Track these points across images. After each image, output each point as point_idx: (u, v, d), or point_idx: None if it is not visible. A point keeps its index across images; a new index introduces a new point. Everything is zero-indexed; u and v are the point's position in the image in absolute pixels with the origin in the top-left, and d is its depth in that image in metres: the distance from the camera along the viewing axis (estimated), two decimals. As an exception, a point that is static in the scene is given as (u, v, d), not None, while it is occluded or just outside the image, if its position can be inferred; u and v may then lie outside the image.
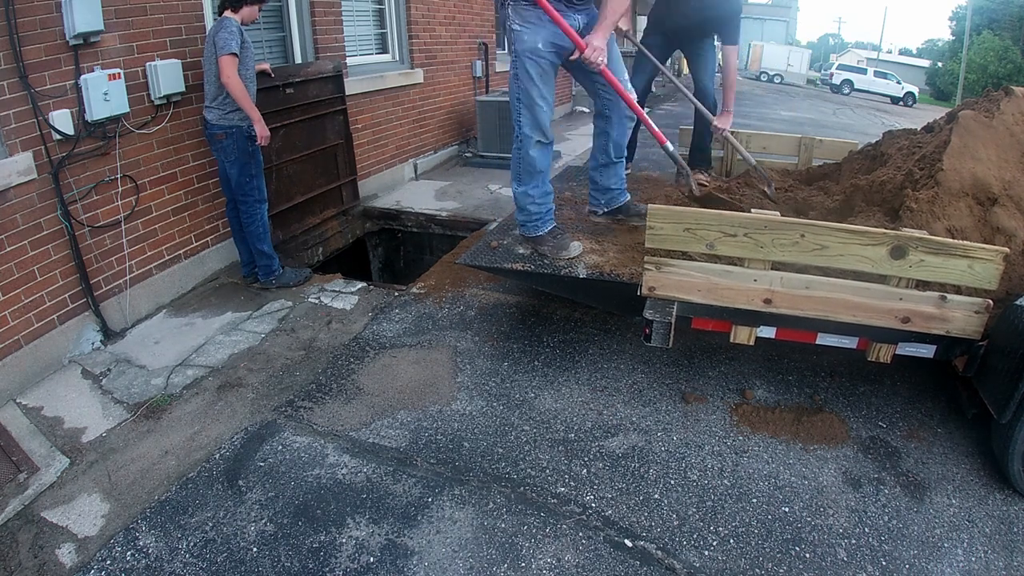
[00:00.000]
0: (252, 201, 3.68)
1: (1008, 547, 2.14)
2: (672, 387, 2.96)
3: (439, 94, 6.78)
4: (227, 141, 3.50)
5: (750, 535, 2.17)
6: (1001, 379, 2.20)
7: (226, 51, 3.27)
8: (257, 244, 3.80)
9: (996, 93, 3.04)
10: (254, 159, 3.61)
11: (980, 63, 28.57)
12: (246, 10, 3.42)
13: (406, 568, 2.02)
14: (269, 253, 3.86)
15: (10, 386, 2.88)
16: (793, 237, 2.34)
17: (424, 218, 5.33)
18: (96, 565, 2.03)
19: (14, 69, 2.79)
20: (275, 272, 3.93)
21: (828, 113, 16.95)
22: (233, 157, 3.54)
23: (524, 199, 3.07)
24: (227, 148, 3.52)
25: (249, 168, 3.59)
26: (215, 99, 3.44)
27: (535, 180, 3.04)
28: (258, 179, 3.67)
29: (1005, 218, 2.54)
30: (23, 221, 2.91)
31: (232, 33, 3.28)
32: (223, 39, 3.27)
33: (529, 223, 3.12)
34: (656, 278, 2.56)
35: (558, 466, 2.46)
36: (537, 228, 3.11)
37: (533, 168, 3.01)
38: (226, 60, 3.28)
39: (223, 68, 3.29)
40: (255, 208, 3.70)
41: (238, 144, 3.50)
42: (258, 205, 3.71)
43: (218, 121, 3.46)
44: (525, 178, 3.04)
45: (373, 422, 2.71)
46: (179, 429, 2.68)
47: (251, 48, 3.48)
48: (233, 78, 3.30)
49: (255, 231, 3.75)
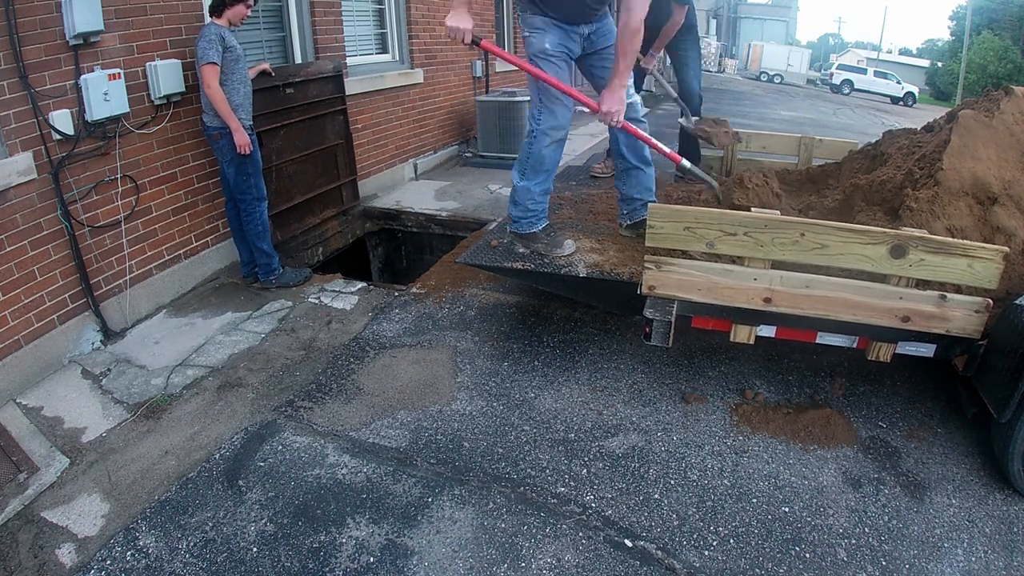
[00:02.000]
0: (250, 200, 3.69)
1: (1008, 547, 2.14)
2: (672, 387, 2.96)
3: (439, 94, 6.78)
4: (222, 141, 3.52)
5: (750, 535, 2.16)
6: (1001, 378, 2.20)
7: (204, 61, 3.32)
8: (257, 243, 3.81)
9: (996, 93, 3.04)
10: (250, 159, 3.61)
11: (980, 63, 28.56)
12: (230, 12, 3.42)
13: (406, 568, 2.02)
14: (269, 252, 3.87)
15: (10, 386, 2.88)
16: (793, 236, 2.34)
17: (424, 218, 5.33)
18: (96, 565, 2.03)
19: (14, 69, 2.79)
20: (275, 271, 3.94)
21: (828, 113, 16.95)
22: (229, 157, 3.56)
23: (524, 194, 3.06)
24: (223, 148, 3.55)
25: (245, 167, 3.60)
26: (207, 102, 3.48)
27: (540, 177, 3.04)
28: (255, 178, 3.68)
29: (1005, 217, 2.54)
30: (23, 221, 2.91)
31: (210, 42, 3.31)
32: (201, 48, 3.32)
33: (524, 219, 3.11)
34: (656, 277, 2.56)
35: (558, 466, 2.46)
36: (532, 225, 3.11)
37: (541, 165, 3.02)
38: (205, 70, 3.34)
39: (203, 78, 3.36)
40: (254, 207, 3.71)
41: (232, 144, 3.51)
42: (257, 204, 3.72)
43: (212, 122, 3.50)
44: (530, 173, 3.04)
45: (373, 422, 2.71)
46: (179, 429, 2.68)
47: (239, 51, 3.48)
48: (213, 87, 3.35)
49: (254, 229, 3.76)
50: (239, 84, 3.50)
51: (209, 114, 3.48)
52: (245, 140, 3.49)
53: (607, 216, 3.64)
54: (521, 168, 3.07)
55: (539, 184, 3.06)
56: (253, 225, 3.75)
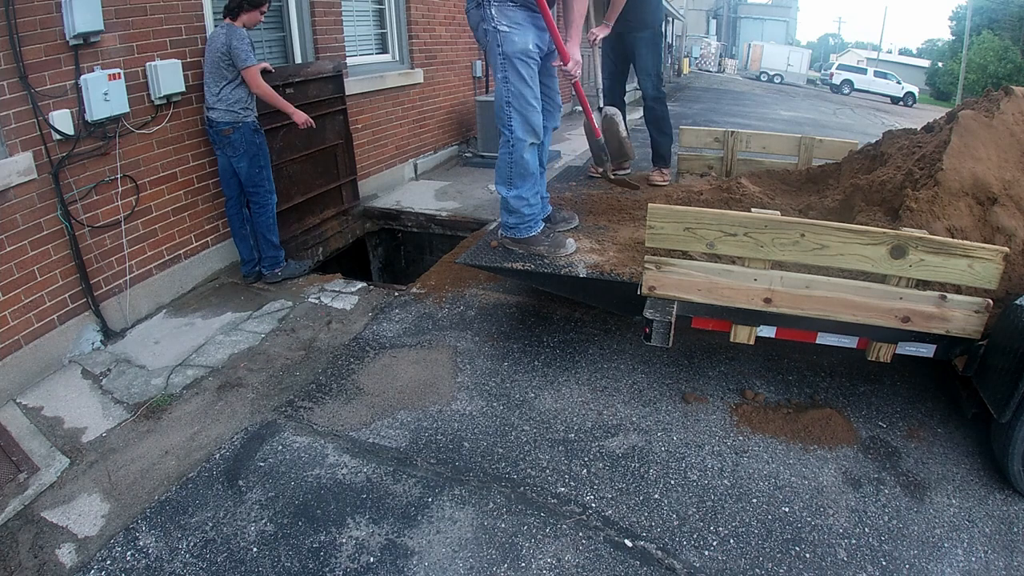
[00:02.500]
0: (264, 192, 3.79)
1: (1008, 547, 2.14)
2: (672, 387, 2.96)
3: (439, 94, 6.78)
4: (235, 135, 3.59)
5: (750, 535, 2.16)
6: (1001, 378, 2.20)
7: (247, 64, 3.44)
8: (267, 235, 3.90)
9: (996, 93, 3.04)
10: (262, 151, 3.72)
11: (980, 63, 28.57)
12: (245, 16, 3.50)
13: (406, 568, 2.02)
14: (277, 244, 3.96)
15: (10, 386, 2.87)
16: (793, 236, 2.34)
17: (424, 218, 5.33)
18: (96, 565, 2.03)
19: (14, 69, 2.79)
20: (281, 264, 4.03)
21: (828, 113, 16.96)
22: (242, 150, 3.64)
23: (518, 202, 3.03)
24: (235, 143, 3.61)
25: (259, 160, 3.69)
26: (218, 98, 3.53)
27: (528, 182, 3.01)
28: (267, 170, 3.77)
29: (1005, 218, 2.54)
30: (23, 221, 2.91)
31: (245, 42, 3.42)
32: (241, 52, 3.42)
33: (522, 225, 3.08)
34: (656, 277, 2.56)
35: (558, 466, 2.46)
36: (530, 229, 3.09)
37: (526, 171, 2.98)
38: (251, 72, 3.48)
39: (251, 80, 3.51)
40: (266, 199, 3.81)
41: (246, 137, 3.60)
42: (269, 196, 3.82)
43: (222, 118, 3.55)
44: (517, 181, 2.99)
45: (373, 422, 2.71)
46: (179, 429, 2.68)
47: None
48: (263, 86, 3.52)
49: (266, 222, 3.85)
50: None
51: (218, 110, 3.54)
52: (303, 116, 3.75)
53: (607, 216, 3.64)
54: (505, 179, 3.01)
55: (529, 189, 3.02)
56: (264, 218, 3.84)
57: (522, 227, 3.09)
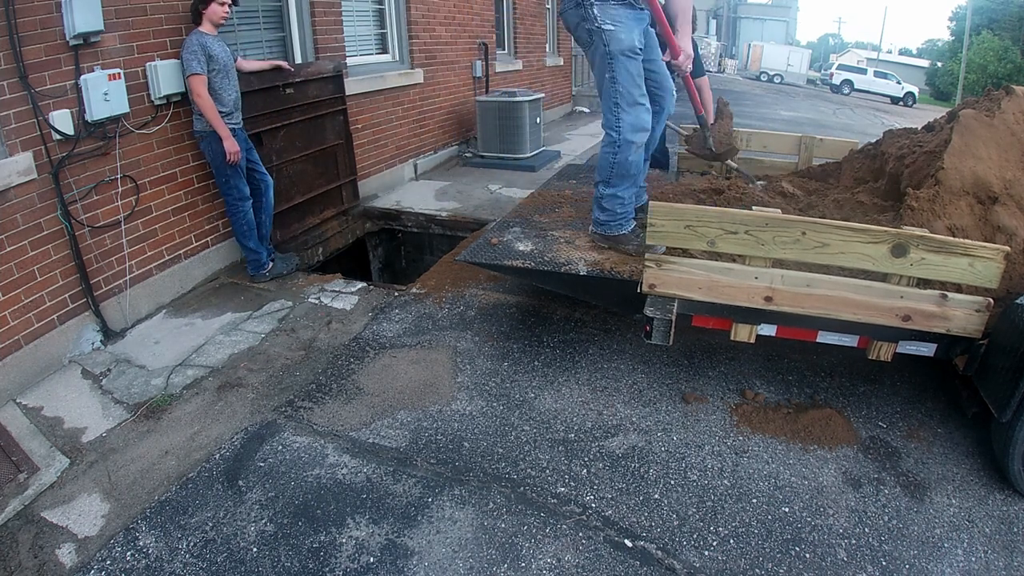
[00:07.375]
0: (232, 200, 3.79)
1: (1008, 547, 2.14)
2: (672, 387, 2.96)
3: (439, 94, 6.78)
4: (203, 144, 3.63)
5: (750, 535, 2.16)
6: (1001, 378, 2.20)
7: (188, 72, 3.41)
8: (242, 240, 3.92)
9: (997, 92, 3.04)
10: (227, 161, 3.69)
11: (980, 63, 28.55)
12: (207, 14, 3.47)
13: (406, 568, 2.02)
14: (255, 248, 3.96)
15: (10, 386, 2.87)
16: (794, 235, 2.34)
17: (424, 218, 5.33)
18: (96, 565, 2.02)
19: (14, 69, 2.79)
20: (264, 266, 4.03)
21: (828, 113, 16.95)
22: (210, 159, 3.66)
23: (613, 201, 2.97)
24: (204, 152, 3.66)
25: (224, 170, 3.66)
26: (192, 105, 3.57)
27: (627, 182, 2.94)
28: (234, 179, 3.73)
29: (1006, 217, 2.54)
30: (23, 221, 2.91)
31: (192, 52, 3.39)
32: (185, 60, 3.41)
33: (612, 222, 3.03)
34: (656, 275, 2.56)
35: (558, 466, 2.46)
36: (621, 227, 3.03)
37: (627, 172, 2.90)
38: (192, 81, 3.42)
39: (191, 88, 3.45)
40: (236, 207, 3.80)
41: (211, 147, 3.59)
42: (239, 204, 3.80)
43: (195, 126, 3.60)
44: (617, 181, 2.93)
45: (373, 422, 2.71)
46: (179, 429, 2.68)
47: (223, 59, 3.53)
48: (203, 96, 3.44)
49: (239, 228, 3.87)
50: (229, 90, 3.58)
51: (195, 118, 3.58)
52: (234, 148, 3.57)
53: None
54: (605, 177, 2.95)
55: (627, 189, 2.96)
56: (237, 224, 3.85)
57: (613, 224, 3.04)
